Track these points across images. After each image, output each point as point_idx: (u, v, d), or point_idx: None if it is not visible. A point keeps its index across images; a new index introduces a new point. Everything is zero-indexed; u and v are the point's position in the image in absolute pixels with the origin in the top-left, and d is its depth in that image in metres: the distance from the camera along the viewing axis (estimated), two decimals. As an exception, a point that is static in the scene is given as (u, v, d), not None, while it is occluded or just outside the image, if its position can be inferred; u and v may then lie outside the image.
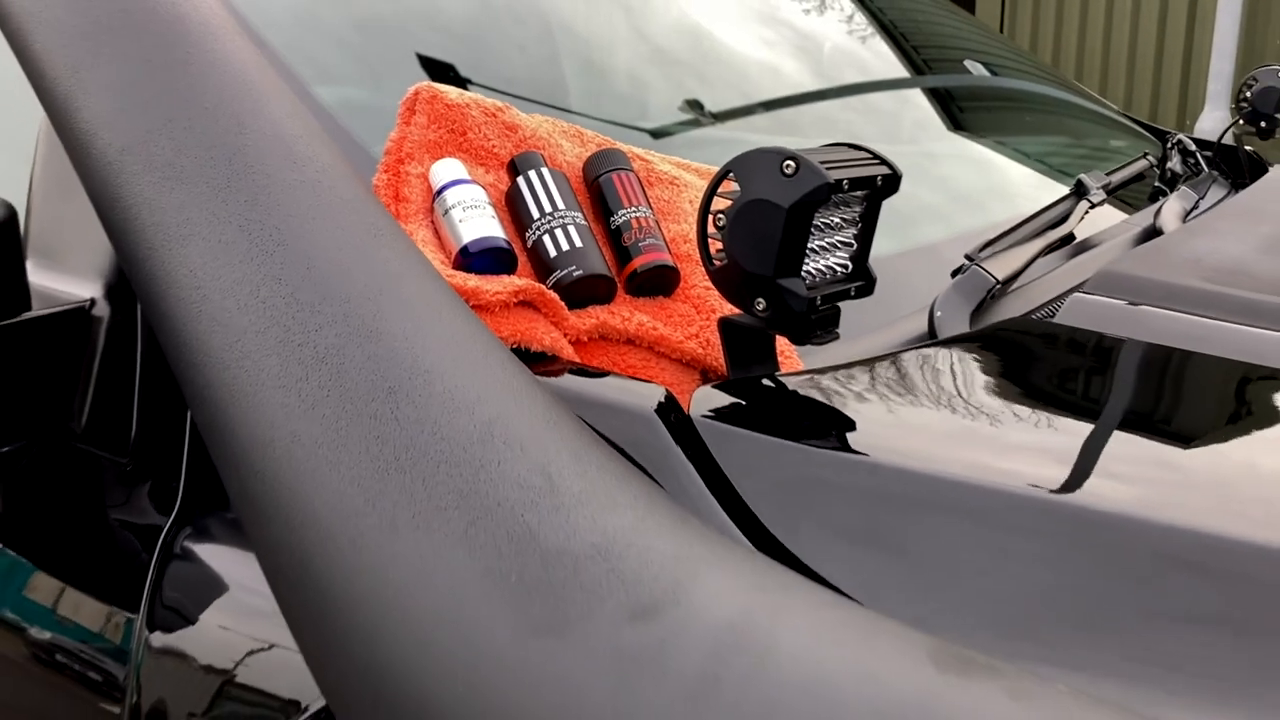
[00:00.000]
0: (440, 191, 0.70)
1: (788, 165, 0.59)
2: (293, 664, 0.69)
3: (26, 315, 0.73)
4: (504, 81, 0.97)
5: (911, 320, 0.85)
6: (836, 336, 0.66)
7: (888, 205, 0.68)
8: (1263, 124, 1.81)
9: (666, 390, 0.62)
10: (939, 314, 0.82)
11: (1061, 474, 0.57)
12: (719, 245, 0.63)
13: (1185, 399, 0.75)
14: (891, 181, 0.65)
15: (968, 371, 0.72)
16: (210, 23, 0.65)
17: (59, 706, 0.80)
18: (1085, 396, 0.72)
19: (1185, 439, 0.65)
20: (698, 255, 0.65)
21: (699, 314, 0.73)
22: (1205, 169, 1.58)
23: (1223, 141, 1.86)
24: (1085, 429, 0.63)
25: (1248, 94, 1.82)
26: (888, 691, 0.37)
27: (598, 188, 0.76)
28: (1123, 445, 0.62)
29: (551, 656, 0.40)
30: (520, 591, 0.42)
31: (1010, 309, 0.90)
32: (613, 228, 0.74)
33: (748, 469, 0.58)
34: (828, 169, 0.60)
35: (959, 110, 1.57)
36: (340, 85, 0.88)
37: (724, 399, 0.63)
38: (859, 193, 0.64)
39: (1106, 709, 0.36)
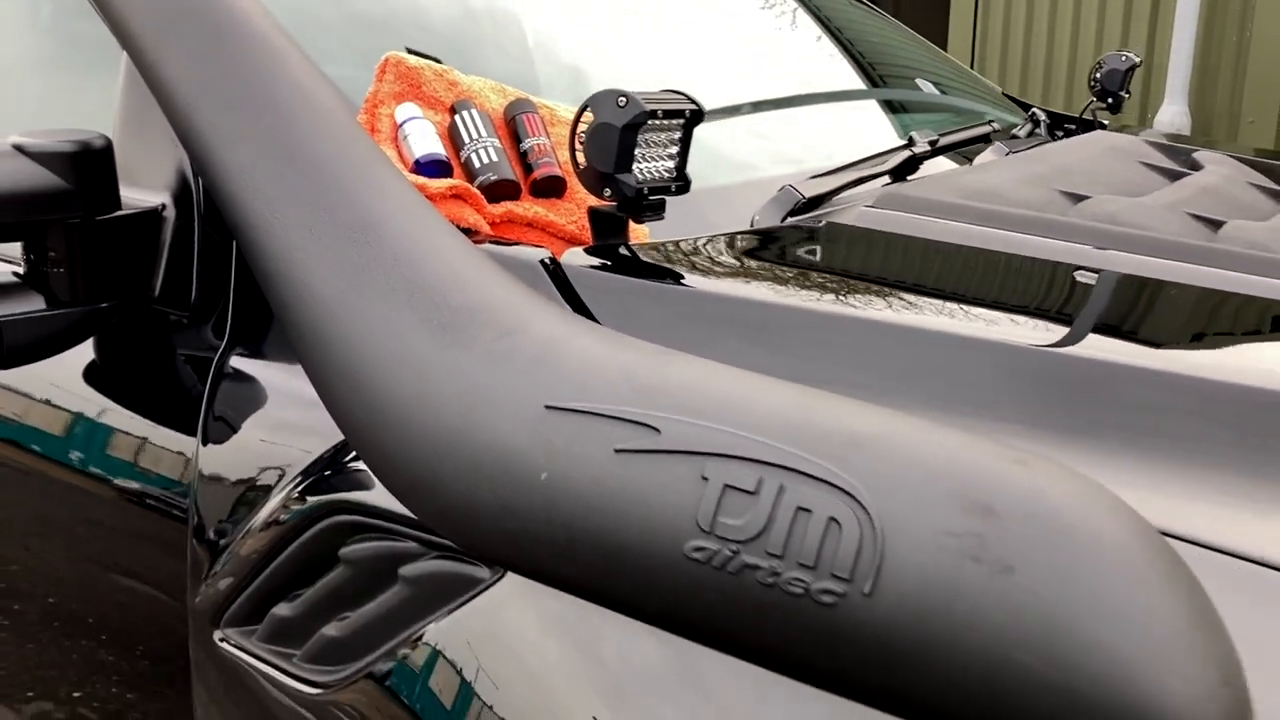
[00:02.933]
0: (401, 124, 1.04)
1: (621, 100, 0.93)
2: (293, 459, 1.02)
3: (118, 213, 1.06)
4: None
5: (744, 227, 1.19)
6: (662, 218, 0.99)
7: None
8: (1110, 100, 2.15)
9: (550, 251, 0.96)
10: (757, 218, 1.15)
11: (801, 300, 0.91)
12: (582, 156, 0.96)
13: (923, 271, 1.09)
14: (697, 115, 0.99)
15: (754, 247, 1.06)
16: (249, 12, 0.98)
17: (143, 528, 1.10)
18: (849, 268, 1.06)
19: (916, 287, 0.99)
20: (578, 171, 0.99)
21: (579, 210, 1.07)
22: (1044, 134, 1.92)
23: (1083, 116, 2.20)
24: (839, 281, 0.97)
25: (1098, 75, 2.16)
26: (621, 359, 0.71)
27: (513, 124, 1.10)
28: (873, 306, 0.96)
29: (456, 357, 0.74)
30: (439, 327, 0.76)
31: (817, 218, 1.24)
32: (522, 150, 1.08)
33: (595, 294, 0.92)
34: (649, 104, 0.93)
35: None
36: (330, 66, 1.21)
37: (586, 258, 0.97)
38: (675, 121, 0.98)
39: (682, 358, 0.70)
